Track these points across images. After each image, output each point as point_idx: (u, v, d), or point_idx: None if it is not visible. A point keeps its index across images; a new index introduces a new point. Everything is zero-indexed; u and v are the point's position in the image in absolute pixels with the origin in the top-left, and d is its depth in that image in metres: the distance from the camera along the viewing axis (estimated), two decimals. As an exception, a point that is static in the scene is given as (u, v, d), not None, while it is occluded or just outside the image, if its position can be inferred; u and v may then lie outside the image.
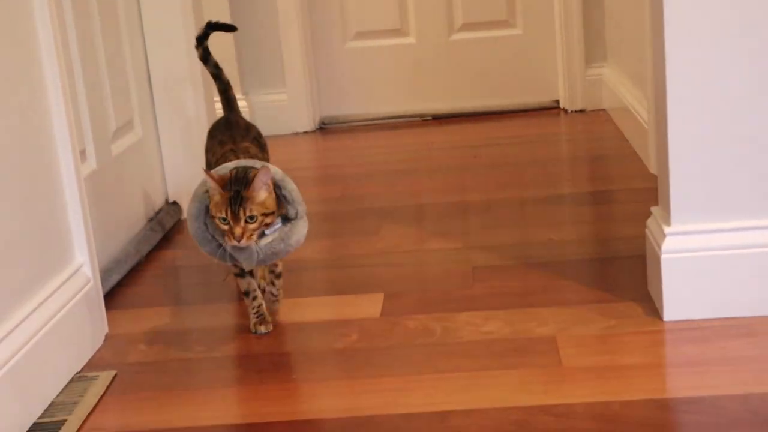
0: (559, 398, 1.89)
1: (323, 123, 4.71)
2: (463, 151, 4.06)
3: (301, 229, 2.19)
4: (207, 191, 2.16)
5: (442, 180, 3.66)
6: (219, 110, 3.84)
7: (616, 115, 4.17)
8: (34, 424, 1.95)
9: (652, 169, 3.31)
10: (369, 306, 2.43)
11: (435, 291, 2.52)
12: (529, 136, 4.22)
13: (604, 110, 4.42)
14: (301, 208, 2.19)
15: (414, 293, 2.52)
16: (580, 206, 3.20)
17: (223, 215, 2.09)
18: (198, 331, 2.40)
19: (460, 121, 4.58)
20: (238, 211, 2.08)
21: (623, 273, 2.51)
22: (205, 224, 2.17)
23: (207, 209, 2.15)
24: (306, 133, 4.62)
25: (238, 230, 2.08)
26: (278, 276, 2.40)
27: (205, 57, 2.65)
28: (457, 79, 4.64)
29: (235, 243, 2.09)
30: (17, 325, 1.98)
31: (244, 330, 2.39)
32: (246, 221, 2.08)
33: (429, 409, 1.89)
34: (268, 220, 2.12)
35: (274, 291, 2.41)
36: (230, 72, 4.46)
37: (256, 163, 2.19)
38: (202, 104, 3.34)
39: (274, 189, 2.15)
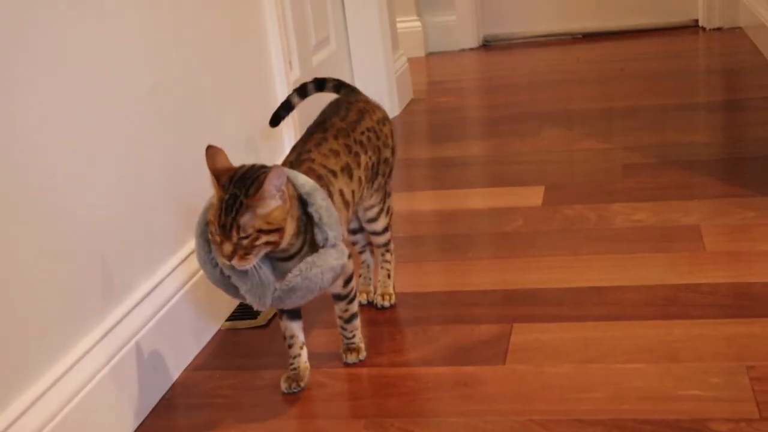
0: (705, 278, 1.82)
1: (486, 40, 4.61)
2: (609, 65, 3.91)
3: (329, 259, 1.43)
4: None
5: (592, 90, 3.55)
6: (401, 27, 3.81)
7: (752, 32, 3.93)
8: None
9: (786, 80, 3.12)
10: (532, 196, 2.39)
11: (590, 184, 2.45)
12: (669, 51, 4.03)
13: (740, 28, 4.17)
14: (333, 233, 1.44)
15: (571, 186, 2.45)
16: (715, 112, 3.05)
17: (214, 222, 1.37)
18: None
19: (607, 38, 4.41)
20: (229, 223, 1.34)
21: (759, 171, 2.38)
22: (208, 242, 1.43)
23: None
24: (471, 49, 4.54)
25: (227, 247, 1.35)
26: (349, 320, 1.62)
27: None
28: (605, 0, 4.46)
29: (225, 262, 1.37)
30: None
31: (424, 214, 2.39)
32: (239, 238, 1.35)
33: (586, 284, 1.85)
34: (269, 238, 1.36)
35: (348, 335, 1.64)
36: (408, -4, 4.45)
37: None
38: (386, 21, 3.31)
39: (301, 205, 1.43)
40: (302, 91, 1.80)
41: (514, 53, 4.40)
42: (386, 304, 1.85)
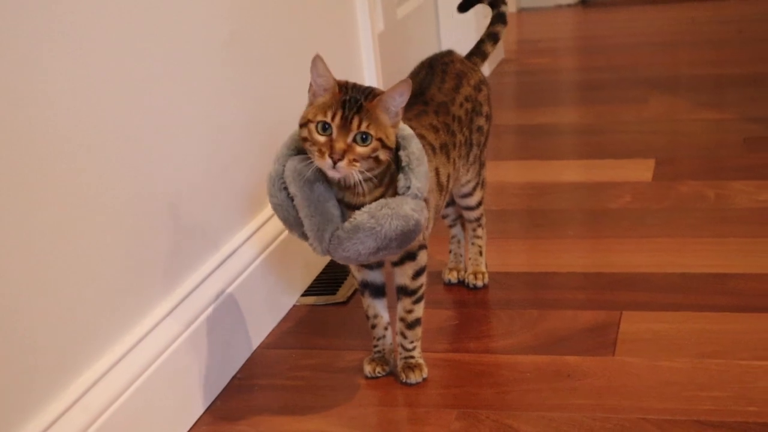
0: (842, 268, 1.77)
1: (585, -4, 4.54)
2: (725, 26, 3.82)
3: (404, 205, 1.37)
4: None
5: (706, 53, 3.47)
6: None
7: None
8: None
9: None
10: (640, 170, 2.34)
11: (706, 158, 2.39)
12: (794, 12, 3.93)
13: None
14: (418, 184, 1.39)
15: (685, 160, 2.40)
16: None
17: (328, 119, 1.34)
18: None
19: (723, -4, 4.31)
20: (352, 118, 1.33)
21: None
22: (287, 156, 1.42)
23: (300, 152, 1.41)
24: (568, 5, 4.47)
25: (340, 144, 1.33)
26: (411, 325, 1.54)
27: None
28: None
29: (327, 164, 1.33)
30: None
31: (513, 186, 2.36)
32: (356, 139, 1.34)
33: (706, 270, 1.81)
34: (382, 155, 1.36)
35: (407, 345, 1.55)
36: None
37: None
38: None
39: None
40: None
41: (617, 11, 4.32)
42: (479, 283, 1.83)
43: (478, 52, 1.82)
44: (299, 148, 1.42)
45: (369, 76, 2.28)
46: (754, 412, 1.37)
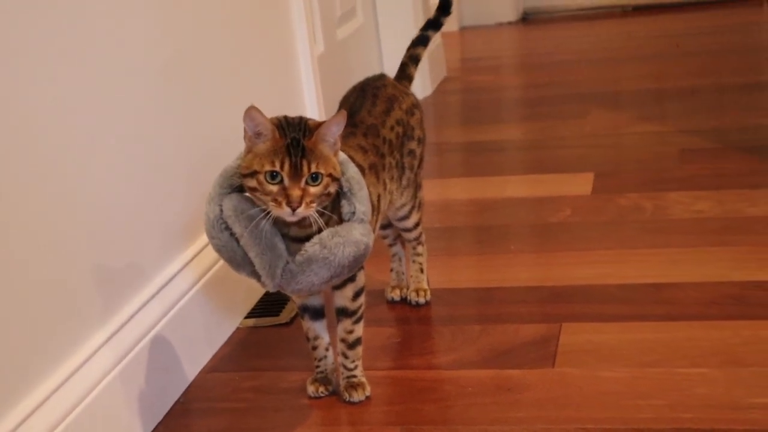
0: (775, 275, 1.80)
1: (526, 13, 4.59)
2: (663, 41, 3.89)
3: (353, 232, 1.39)
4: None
5: (645, 67, 3.52)
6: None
7: (820, 4, 3.89)
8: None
9: None
10: (580, 184, 2.37)
11: (644, 171, 2.43)
12: (729, 25, 4.00)
13: (807, 0, 4.14)
14: (362, 207, 1.42)
15: (623, 173, 2.44)
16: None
17: (276, 168, 1.34)
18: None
19: (660, 11, 4.38)
20: (300, 163, 1.34)
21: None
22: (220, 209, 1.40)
23: (234, 189, 1.41)
24: (509, 23, 4.52)
25: (296, 192, 1.33)
26: (352, 345, 1.54)
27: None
28: (658, -30, 4.43)
29: (286, 212, 1.34)
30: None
31: (458, 203, 2.38)
32: (308, 181, 1.35)
33: (643, 280, 1.84)
34: (332, 188, 1.38)
35: (349, 365, 1.55)
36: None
37: None
38: (418, -8, 3.31)
39: None
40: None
41: (557, 28, 4.38)
42: (421, 300, 1.84)
43: (404, 76, 1.81)
44: (233, 186, 1.41)
45: (309, 99, 2.29)
46: (690, 418, 1.40)
